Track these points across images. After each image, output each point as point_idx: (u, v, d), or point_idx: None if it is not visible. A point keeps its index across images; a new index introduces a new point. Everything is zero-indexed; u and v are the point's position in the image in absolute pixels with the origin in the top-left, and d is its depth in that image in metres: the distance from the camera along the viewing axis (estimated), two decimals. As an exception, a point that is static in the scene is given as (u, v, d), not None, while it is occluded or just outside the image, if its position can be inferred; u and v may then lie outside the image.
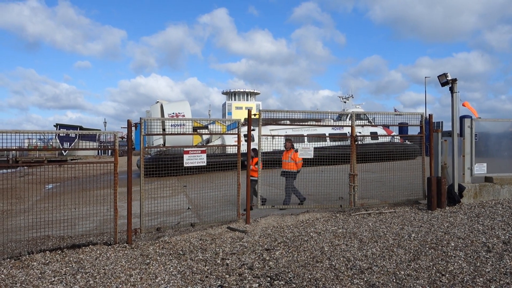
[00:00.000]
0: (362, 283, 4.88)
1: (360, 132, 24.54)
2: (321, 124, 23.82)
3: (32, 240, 7.51)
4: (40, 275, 5.40)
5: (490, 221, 7.82)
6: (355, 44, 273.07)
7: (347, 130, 20.97)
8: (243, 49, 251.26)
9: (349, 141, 9.55)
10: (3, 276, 5.40)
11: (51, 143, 39.97)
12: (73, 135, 39.74)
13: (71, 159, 37.72)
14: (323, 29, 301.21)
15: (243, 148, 8.99)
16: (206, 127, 25.73)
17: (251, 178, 9.45)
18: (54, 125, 45.51)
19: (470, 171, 10.10)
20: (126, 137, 7.37)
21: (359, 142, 12.73)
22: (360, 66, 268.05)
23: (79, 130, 42.55)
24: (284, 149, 10.51)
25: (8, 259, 6.10)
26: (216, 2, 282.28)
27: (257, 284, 4.93)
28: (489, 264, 5.41)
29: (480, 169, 10.19)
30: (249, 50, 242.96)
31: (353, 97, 36.62)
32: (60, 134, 39.04)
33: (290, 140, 10.28)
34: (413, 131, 11.85)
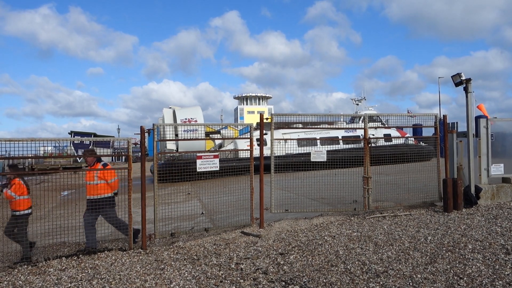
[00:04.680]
0: (378, 287, 4.82)
1: (373, 134, 24.43)
2: (334, 127, 23.70)
3: (48, 247, 7.61)
4: (56, 281, 5.46)
5: (508, 222, 7.67)
6: (370, 44, 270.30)
7: (360, 132, 20.86)
8: (256, 51, 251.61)
9: (362, 143, 9.49)
10: (20, 282, 5.47)
11: (65, 151, 40.56)
12: (87, 142, 40.20)
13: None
14: (338, 29, 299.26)
15: (256, 152, 8.99)
16: (218, 132, 25.82)
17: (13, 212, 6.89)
18: (69, 133, 46.19)
19: (486, 172, 9.93)
20: (139, 143, 7.42)
21: (373, 144, 12.60)
22: (375, 66, 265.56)
23: (93, 137, 43.12)
24: (87, 165, 7.54)
25: (25, 266, 6.19)
26: (228, 5, 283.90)
27: (272, 289, 4.91)
28: (508, 266, 5.30)
29: (497, 169, 10.01)
30: (262, 53, 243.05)
31: (365, 99, 36.29)
32: (75, 141, 39.58)
33: (91, 152, 7.77)
34: (428, 132, 11.69)
